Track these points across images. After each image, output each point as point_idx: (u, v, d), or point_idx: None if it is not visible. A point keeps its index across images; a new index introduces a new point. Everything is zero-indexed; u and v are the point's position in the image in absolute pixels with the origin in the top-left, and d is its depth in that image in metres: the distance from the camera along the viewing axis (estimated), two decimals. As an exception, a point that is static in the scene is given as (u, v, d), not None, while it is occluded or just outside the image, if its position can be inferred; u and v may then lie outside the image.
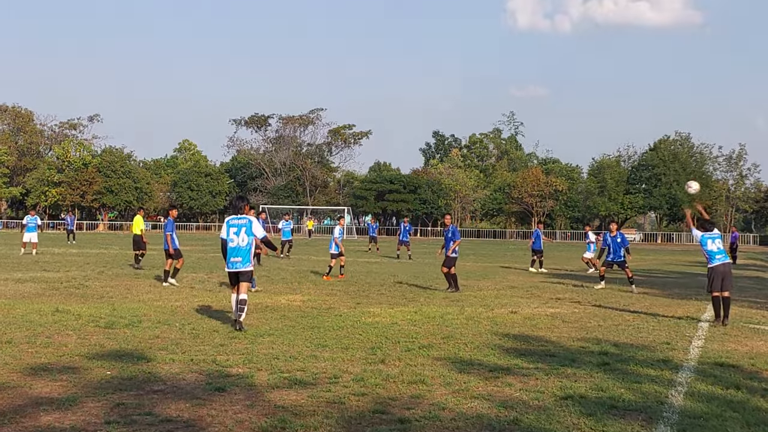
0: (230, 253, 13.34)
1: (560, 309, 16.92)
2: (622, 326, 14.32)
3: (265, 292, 18.99)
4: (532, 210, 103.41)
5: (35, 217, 36.29)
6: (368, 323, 13.89)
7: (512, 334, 12.93)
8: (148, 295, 18.06)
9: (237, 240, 13.34)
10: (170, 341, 11.51)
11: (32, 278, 21.68)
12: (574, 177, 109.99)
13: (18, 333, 11.87)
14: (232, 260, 13.31)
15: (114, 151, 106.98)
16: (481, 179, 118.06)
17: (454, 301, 18.11)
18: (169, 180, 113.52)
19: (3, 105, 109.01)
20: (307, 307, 16.22)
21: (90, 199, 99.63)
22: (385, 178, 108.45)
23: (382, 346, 11.52)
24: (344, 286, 21.48)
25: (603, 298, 19.48)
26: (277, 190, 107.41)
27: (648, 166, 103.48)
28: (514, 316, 15.35)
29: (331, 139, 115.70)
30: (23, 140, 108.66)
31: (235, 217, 13.59)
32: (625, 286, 22.95)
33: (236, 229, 13.40)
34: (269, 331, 12.71)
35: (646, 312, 16.74)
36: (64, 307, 14.91)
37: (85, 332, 12.16)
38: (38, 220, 36.85)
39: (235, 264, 13.28)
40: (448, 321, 14.41)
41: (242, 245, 13.32)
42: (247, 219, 13.50)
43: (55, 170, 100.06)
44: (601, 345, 12.01)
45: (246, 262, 13.33)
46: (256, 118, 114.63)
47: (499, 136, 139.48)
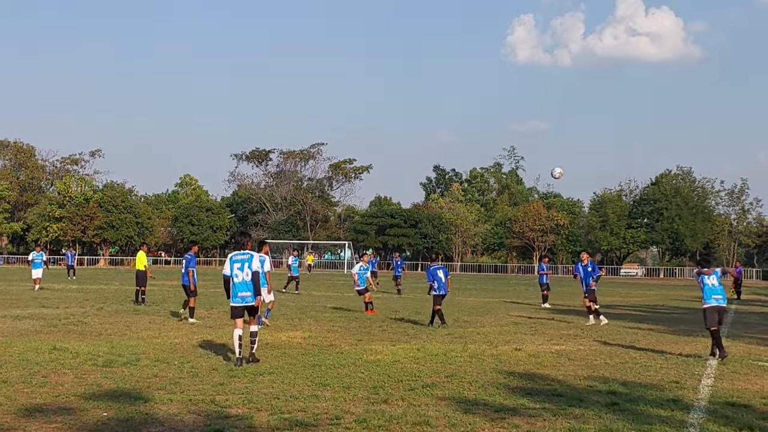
0: (237, 288, 13.47)
1: (565, 346, 16.67)
2: (629, 364, 14.07)
3: (265, 328, 18.75)
4: (533, 244, 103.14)
5: (41, 253, 36.84)
6: (370, 361, 13.66)
7: (517, 373, 12.69)
8: (148, 331, 17.83)
9: (242, 275, 13.48)
10: (168, 380, 11.28)
11: (31, 315, 21.46)
12: (576, 211, 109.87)
13: (14, 372, 11.66)
14: (240, 295, 13.44)
15: (115, 186, 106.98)
16: (482, 213, 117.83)
17: (457, 338, 17.86)
18: (170, 215, 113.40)
19: (5, 140, 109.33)
20: (308, 344, 16.00)
21: (91, 234, 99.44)
22: (386, 212, 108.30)
23: (384, 385, 11.30)
24: (345, 322, 21.24)
25: (608, 335, 19.21)
26: (277, 225, 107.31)
27: (650, 201, 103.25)
28: (519, 354, 15.11)
29: (332, 173, 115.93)
30: (25, 175, 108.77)
31: (239, 253, 13.79)
32: (632, 323, 22.72)
33: (240, 265, 13.55)
34: (269, 369, 12.49)
35: (653, 349, 16.49)
36: (61, 345, 14.70)
37: (83, 371, 11.95)
38: (44, 256, 37.18)
39: (245, 299, 13.43)
40: (451, 358, 14.18)
41: (247, 279, 13.44)
42: (250, 254, 13.69)
43: (56, 205, 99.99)
44: (609, 384, 11.77)
45: (253, 296, 13.45)
46: (257, 153, 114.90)
47: (500, 171, 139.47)
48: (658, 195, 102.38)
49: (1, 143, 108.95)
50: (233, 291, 13.53)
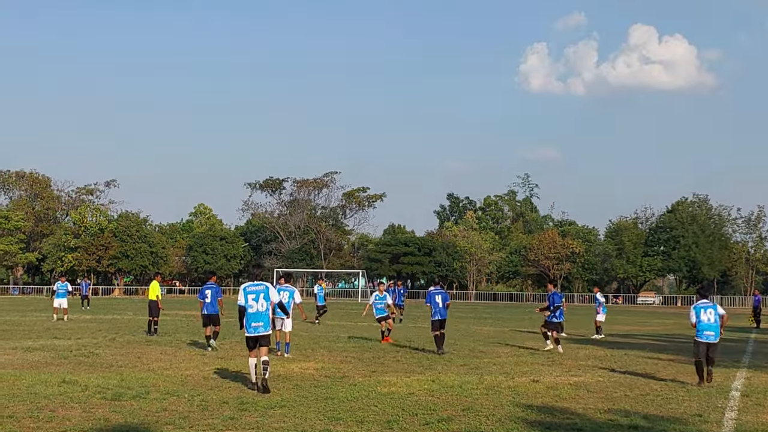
0: (251, 319, 13.75)
1: (583, 377, 16.32)
2: (650, 396, 13.72)
3: (277, 360, 18.48)
4: (549, 272, 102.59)
5: (65, 284, 37.11)
6: (384, 393, 13.37)
7: (535, 406, 12.37)
8: (159, 363, 17.59)
9: (256, 306, 13.78)
10: (178, 414, 11.03)
11: (42, 346, 21.25)
12: (591, 239, 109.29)
13: (21, 406, 11.44)
14: (254, 325, 13.73)
15: (130, 215, 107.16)
16: (496, 241, 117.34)
17: (473, 368, 17.54)
18: (184, 244, 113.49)
19: (21, 171, 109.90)
20: (321, 376, 15.71)
21: (106, 264, 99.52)
22: (400, 240, 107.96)
23: (398, 419, 11.01)
24: (359, 352, 20.94)
25: (628, 366, 18.85)
26: (291, 254, 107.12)
27: (666, 228, 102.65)
28: (536, 386, 14.77)
29: (346, 202, 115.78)
30: (40, 206, 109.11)
31: (252, 284, 14.21)
32: (651, 353, 22.37)
33: (254, 296, 13.85)
34: (281, 402, 12.21)
35: (673, 380, 16.13)
36: (71, 378, 14.47)
37: (91, 405, 11.72)
38: (68, 286, 37.93)
39: (258, 329, 13.73)
40: (467, 391, 13.86)
41: (261, 310, 13.77)
42: (264, 285, 14.06)
43: (71, 235, 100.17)
44: (630, 417, 11.43)
45: (267, 326, 13.82)
46: (270, 182, 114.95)
47: (514, 198, 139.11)
48: (675, 223, 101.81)
49: (18, 174, 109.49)
50: (247, 322, 13.79)
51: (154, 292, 26.56)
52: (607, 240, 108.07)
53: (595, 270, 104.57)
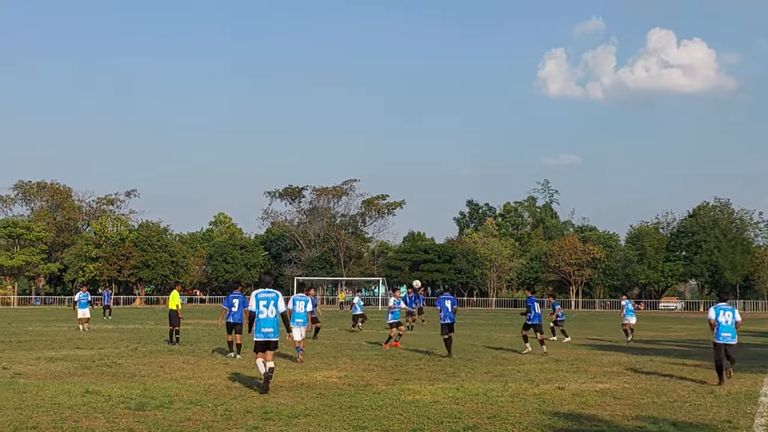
0: (261, 324, 14.35)
1: (609, 384, 16.15)
2: (677, 403, 13.55)
3: (301, 368, 18.42)
4: (570, 278, 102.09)
5: (86, 293, 37.30)
6: (408, 401, 13.26)
7: (562, 413, 12.23)
8: (181, 372, 17.55)
9: (266, 312, 14.40)
10: (202, 424, 10.97)
11: (64, 356, 21.28)
12: (612, 245, 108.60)
13: (45, 417, 11.41)
14: (264, 330, 14.34)
15: (150, 225, 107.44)
16: (516, 248, 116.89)
17: (497, 376, 17.41)
18: (204, 253, 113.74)
19: (42, 182, 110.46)
20: (344, 384, 15.62)
21: (127, 274, 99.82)
22: (420, 248, 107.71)
23: (424, 427, 10.91)
24: (381, 360, 20.84)
25: (653, 372, 18.65)
26: (311, 262, 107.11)
27: (688, 233, 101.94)
28: (562, 393, 14.62)
29: (365, 209, 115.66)
30: (61, 216, 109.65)
31: (264, 291, 14.74)
32: (677, 359, 22.18)
33: (265, 302, 14.49)
34: (305, 411, 12.13)
35: (701, 386, 15.93)
36: (94, 388, 14.45)
37: (114, 415, 11.67)
38: (89, 296, 38.10)
39: (267, 334, 14.33)
40: (492, 398, 13.73)
41: (271, 317, 14.39)
42: (275, 293, 14.60)
43: (92, 245, 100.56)
44: (659, 425, 11.28)
45: (276, 332, 14.39)
46: (290, 190, 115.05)
47: (534, 205, 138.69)
48: (696, 227, 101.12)
49: (39, 185, 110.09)
50: (257, 327, 14.40)
51: (174, 301, 26.60)
52: (628, 245, 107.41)
53: (616, 276, 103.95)
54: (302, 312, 20.99)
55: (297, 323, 20.63)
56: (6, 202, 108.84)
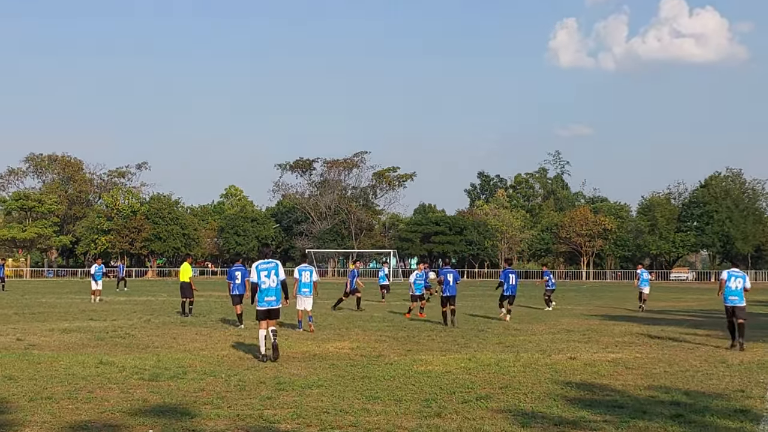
0: (264, 294, 14.89)
1: (621, 354, 16.15)
2: (689, 372, 13.54)
3: (313, 340, 18.49)
4: (580, 250, 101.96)
5: (101, 266, 37.50)
6: (421, 372, 13.29)
7: (574, 383, 12.24)
8: (194, 344, 17.63)
9: (268, 282, 14.91)
10: (215, 394, 11.02)
11: (78, 328, 21.40)
12: (623, 216, 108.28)
13: (59, 387, 11.48)
14: (266, 299, 14.89)
15: (162, 198, 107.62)
16: (527, 219, 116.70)
17: (509, 346, 17.43)
18: (215, 226, 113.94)
19: (53, 154, 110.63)
20: (357, 355, 15.66)
21: (139, 246, 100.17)
22: (431, 220, 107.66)
23: (436, 397, 10.93)
24: (393, 331, 20.89)
25: (665, 342, 18.66)
26: (322, 234, 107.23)
27: (699, 203, 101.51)
28: (574, 363, 14.63)
29: (376, 181, 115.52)
30: (73, 189, 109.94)
31: (264, 262, 15.20)
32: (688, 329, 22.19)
33: (266, 272, 14.99)
34: (318, 381, 12.17)
35: (713, 356, 15.92)
36: (108, 359, 14.52)
37: (129, 386, 11.74)
38: (104, 269, 38.52)
39: (270, 303, 14.89)
40: (504, 369, 13.75)
41: (273, 286, 14.90)
42: (275, 263, 15.13)
43: (104, 218, 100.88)
44: (671, 394, 11.28)
45: (278, 300, 14.95)
46: (300, 163, 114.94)
47: (545, 176, 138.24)
48: (708, 197, 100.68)
49: (50, 157, 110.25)
50: (260, 296, 14.94)
51: (186, 274, 26.71)
52: (639, 216, 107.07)
53: (627, 246, 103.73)
54: (308, 282, 21.25)
55: (303, 293, 21.03)
56: (18, 174, 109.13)
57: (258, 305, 14.97)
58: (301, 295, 21.00)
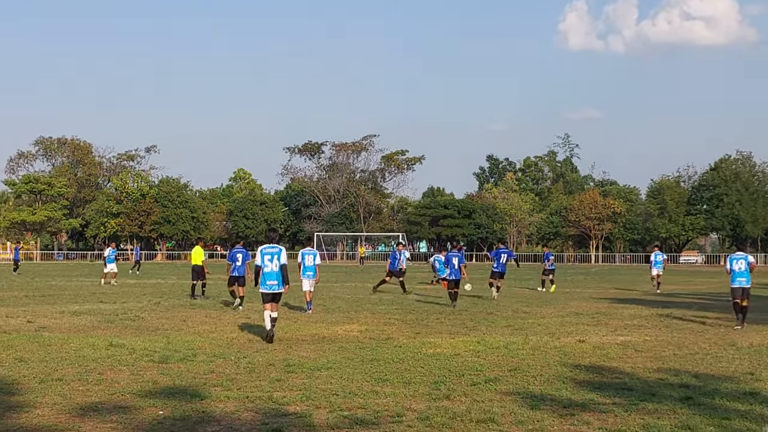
0: (266, 277, 15.20)
1: (630, 337, 16.14)
2: (699, 355, 13.52)
3: (322, 322, 18.53)
4: (590, 233, 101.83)
5: (114, 250, 37.77)
6: (429, 355, 13.31)
7: (583, 366, 12.24)
8: (204, 326, 17.69)
9: (271, 266, 15.20)
10: (225, 376, 11.05)
11: (88, 310, 21.49)
12: (633, 199, 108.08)
13: (70, 369, 11.53)
14: (269, 283, 15.20)
15: (171, 181, 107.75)
16: (536, 203, 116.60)
17: (518, 329, 17.43)
18: (224, 209, 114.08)
19: (62, 138, 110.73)
20: (365, 338, 15.68)
21: (148, 230, 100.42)
22: (439, 203, 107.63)
23: (445, 380, 10.94)
24: (402, 314, 20.91)
25: (674, 325, 18.64)
26: (331, 217, 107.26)
27: (709, 187, 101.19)
28: (583, 346, 14.62)
29: (384, 165, 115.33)
30: (82, 172, 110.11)
31: (268, 246, 15.54)
32: (697, 312, 22.16)
33: (270, 257, 15.26)
34: (327, 364, 12.19)
35: (722, 339, 15.89)
36: (118, 341, 14.57)
37: (139, 367, 11.78)
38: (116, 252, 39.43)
39: (272, 287, 15.20)
40: (513, 351, 13.75)
41: (275, 270, 15.16)
42: (279, 248, 15.43)
43: (113, 201, 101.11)
44: (681, 377, 11.27)
45: (280, 284, 15.22)
46: (309, 146, 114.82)
47: (554, 159, 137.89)
48: (718, 180, 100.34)
49: (59, 140, 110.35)
50: (263, 279, 15.22)
51: (198, 257, 26.86)
52: (648, 199, 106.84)
53: (636, 230, 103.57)
54: (311, 265, 21.70)
55: (307, 276, 21.64)
56: (27, 158, 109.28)
57: (261, 288, 15.32)
58: (305, 278, 21.58)
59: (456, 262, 24.39)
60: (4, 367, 11.75)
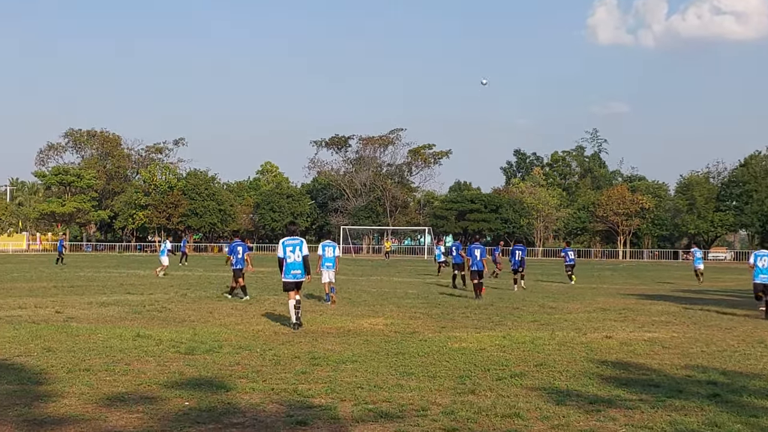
0: (290, 267, 16.26)
1: (658, 333, 16.02)
2: (727, 352, 13.39)
3: (347, 315, 18.55)
4: (617, 228, 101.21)
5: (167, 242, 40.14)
6: (455, 349, 13.27)
7: (610, 362, 12.15)
8: (230, 318, 17.77)
9: (293, 257, 16.32)
10: (251, 368, 11.08)
11: (116, 301, 21.66)
12: (661, 195, 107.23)
13: (97, 360, 11.61)
14: (293, 272, 16.25)
15: (198, 173, 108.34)
16: (564, 198, 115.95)
17: (544, 324, 17.35)
18: (251, 202, 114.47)
19: (92, 130, 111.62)
20: (391, 332, 15.67)
21: (176, 222, 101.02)
22: (466, 197, 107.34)
23: (471, 374, 10.90)
24: (427, 308, 20.89)
25: (702, 321, 18.48)
26: (357, 211, 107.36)
27: (738, 183, 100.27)
28: (610, 342, 14.53)
29: (411, 159, 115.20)
30: (111, 164, 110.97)
31: (290, 239, 16.58)
32: (726, 308, 21.98)
33: (292, 248, 16.38)
34: (352, 357, 12.19)
35: (750, 337, 15.73)
36: (145, 332, 14.66)
37: (165, 358, 11.84)
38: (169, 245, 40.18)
39: (296, 275, 16.28)
40: (539, 346, 13.69)
41: (297, 260, 16.29)
42: (300, 240, 16.56)
43: (141, 193, 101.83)
44: (708, 373, 11.17)
45: (303, 274, 16.33)
46: (336, 140, 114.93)
47: (582, 154, 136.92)
48: (748, 177, 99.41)
49: (89, 133, 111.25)
50: (286, 269, 16.23)
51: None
52: (677, 195, 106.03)
53: (665, 226, 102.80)
54: (331, 257, 22.49)
55: (327, 267, 22.37)
56: (57, 150, 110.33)
57: (285, 277, 16.26)
58: (324, 269, 22.29)
59: (478, 254, 25.17)
60: (32, 357, 11.86)
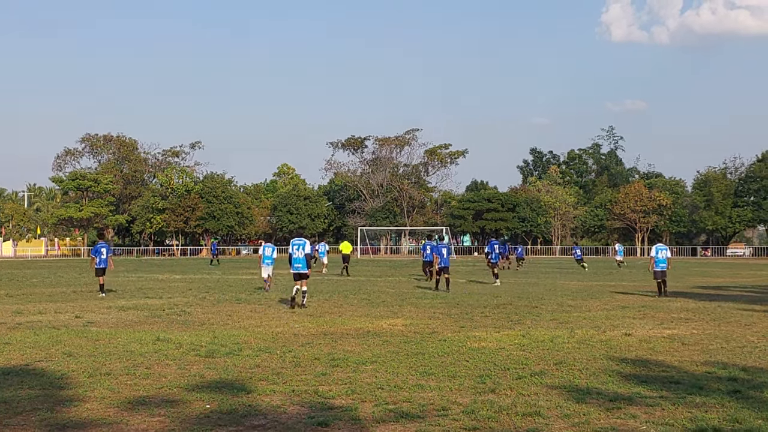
0: (295, 261, 20.98)
1: (677, 330, 15.97)
2: (747, 348, 13.33)
3: (366, 316, 18.57)
4: (635, 226, 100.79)
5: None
6: (474, 348, 13.27)
7: (629, 359, 12.13)
8: (249, 321, 17.82)
9: (298, 253, 20.99)
10: (271, 371, 11.13)
11: (135, 306, 21.76)
12: (678, 191, 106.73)
13: (118, 363, 11.68)
14: (296, 266, 20.98)
15: (215, 177, 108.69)
16: (581, 196, 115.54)
17: (563, 323, 17.32)
18: (269, 204, 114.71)
19: (108, 135, 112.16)
20: (410, 332, 15.68)
21: (193, 225, 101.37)
22: (483, 197, 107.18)
23: (491, 373, 10.91)
24: (446, 308, 20.89)
25: (722, 318, 18.39)
26: (374, 212, 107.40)
27: (756, 178, 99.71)
28: (629, 339, 14.49)
29: (428, 159, 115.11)
30: (128, 168, 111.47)
31: (297, 239, 21.64)
32: (745, 305, 21.88)
33: (297, 247, 21.10)
34: (372, 358, 12.22)
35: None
36: (165, 336, 14.74)
37: (186, 362, 11.90)
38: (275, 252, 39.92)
39: (298, 268, 20.97)
40: (558, 345, 13.67)
41: (300, 256, 20.93)
42: (304, 240, 21.50)
43: (159, 197, 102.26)
44: (729, 370, 11.12)
45: (304, 267, 20.92)
46: (352, 141, 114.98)
47: (599, 151, 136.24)
48: (765, 172, 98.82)
49: (106, 137, 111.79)
50: (293, 263, 21.02)
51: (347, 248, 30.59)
52: (695, 191, 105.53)
53: (682, 222, 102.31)
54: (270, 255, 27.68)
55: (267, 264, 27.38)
56: (74, 155, 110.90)
57: (292, 269, 21.07)
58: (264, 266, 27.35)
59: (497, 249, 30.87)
60: (53, 361, 11.94)
